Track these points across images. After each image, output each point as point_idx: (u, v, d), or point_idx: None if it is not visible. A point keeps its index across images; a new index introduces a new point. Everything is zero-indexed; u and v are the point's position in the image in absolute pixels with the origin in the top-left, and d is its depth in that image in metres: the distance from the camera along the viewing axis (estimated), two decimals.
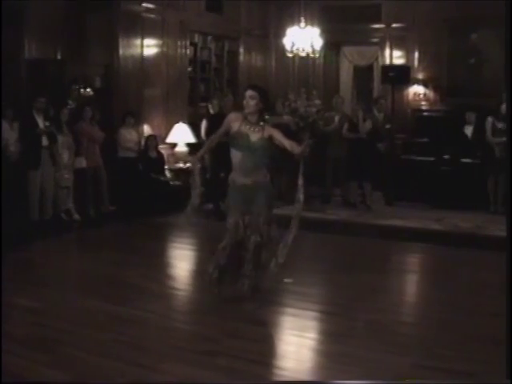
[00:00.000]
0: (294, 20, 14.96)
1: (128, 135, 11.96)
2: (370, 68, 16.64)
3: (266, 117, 6.92)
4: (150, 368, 5.09)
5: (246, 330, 5.99)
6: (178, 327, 6.27)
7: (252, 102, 6.48)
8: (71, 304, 6.80)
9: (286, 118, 12.49)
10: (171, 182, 12.79)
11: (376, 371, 5.05)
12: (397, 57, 15.75)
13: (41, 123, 10.27)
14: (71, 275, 8.19)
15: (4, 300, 6.65)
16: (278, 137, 6.59)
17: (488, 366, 5.15)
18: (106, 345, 5.60)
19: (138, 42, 12.86)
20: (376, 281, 7.71)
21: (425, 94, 15.41)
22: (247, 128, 6.52)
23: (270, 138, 6.55)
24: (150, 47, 13.24)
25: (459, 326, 6.16)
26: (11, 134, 10.08)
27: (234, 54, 16.10)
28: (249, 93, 6.54)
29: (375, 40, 16.13)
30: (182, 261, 9.35)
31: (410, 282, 8.41)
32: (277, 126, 12.29)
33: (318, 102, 14.26)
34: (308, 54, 14.75)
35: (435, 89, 15.28)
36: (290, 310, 6.74)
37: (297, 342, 5.91)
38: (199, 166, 7.09)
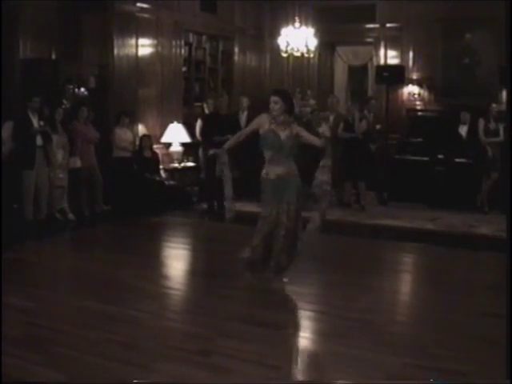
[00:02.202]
0: (288, 20, 14.98)
1: (123, 135, 11.98)
2: (364, 68, 16.66)
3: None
4: (144, 367, 5.09)
5: (239, 330, 6.00)
6: (172, 327, 6.28)
7: (276, 106, 7.13)
8: (65, 304, 6.81)
9: None
10: (166, 182, 12.80)
11: (369, 371, 5.06)
12: (391, 57, 15.76)
13: (35, 123, 10.26)
14: (65, 275, 8.20)
15: None
16: (304, 134, 7.39)
17: (481, 365, 5.16)
18: (99, 344, 5.60)
19: (132, 41, 12.86)
20: (369, 280, 7.73)
21: (419, 94, 15.42)
22: (276, 128, 7.15)
23: (297, 136, 7.23)
24: (144, 47, 13.25)
25: (452, 325, 6.18)
26: (4, 134, 10.06)
27: (228, 54, 16.11)
28: (272, 98, 7.19)
29: (370, 40, 16.14)
30: (176, 260, 9.35)
31: (404, 281, 8.42)
32: None
33: (312, 101, 14.32)
34: (302, 54, 14.78)
35: (429, 89, 15.29)
36: (284, 310, 6.75)
37: (291, 341, 5.92)
38: (227, 157, 7.54)
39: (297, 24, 14.43)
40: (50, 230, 10.28)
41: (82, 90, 12.06)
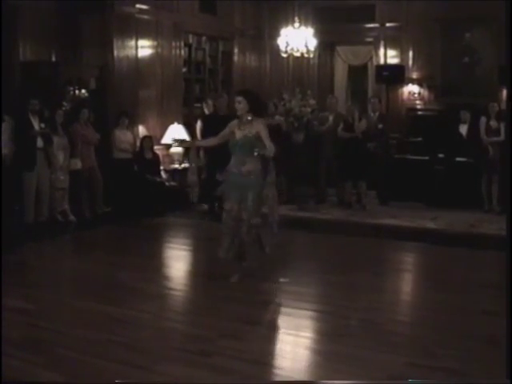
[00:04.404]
0: (288, 20, 15.00)
1: (123, 136, 11.98)
2: (364, 67, 16.69)
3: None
4: (145, 368, 5.10)
5: (240, 330, 6.01)
6: (173, 327, 6.28)
7: (240, 106, 7.35)
8: (66, 305, 6.83)
9: (277, 119, 12.52)
10: (167, 183, 12.80)
11: (370, 370, 5.06)
12: (391, 56, 15.79)
13: (36, 125, 10.28)
14: (66, 276, 8.21)
15: None
16: (262, 134, 7.29)
17: (482, 364, 5.17)
18: (100, 346, 5.61)
19: (132, 43, 12.86)
20: (370, 280, 7.74)
21: (419, 94, 15.45)
22: (239, 127, 7.37)
23: (257, 134, 7.29)
24: (144, 48, 13.26)
25: (453, 324, 6.18)
26: (3, 136, 10.07)
27: (228, 55, 16.12)
28: (236, 98, 7.46)
29: (369, 40, 16.17)
30: (177, 261, 9.36)
31: (405, 281, 8.42)
32: (268, 126, 12.44)
33: (312, 101, 14.28)
34: (302, 54, 14.78)
35: (429, 88, 15.32)
36: (285, 310, 6.77)
37: (292, 341, 5.92)
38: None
39: (296, 24, 14.43)
40: (51, 231, 10.29)
41: (83, 91, 12.08)
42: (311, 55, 15.14)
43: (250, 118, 7.31)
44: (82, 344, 5.65)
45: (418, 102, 15.52)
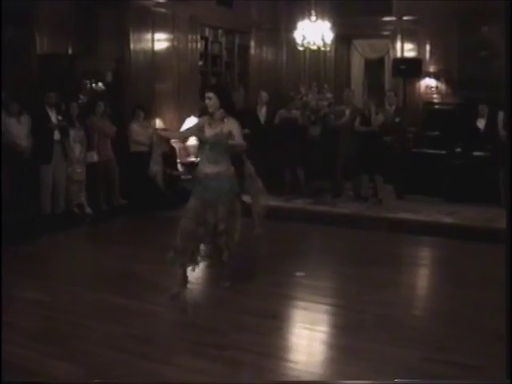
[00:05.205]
0: (304, 13, 14.92)
1: (139, 129, 11.98)
2: (381, 61, 16.62)
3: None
4: (160, 361, 5.12)
5: (256, 324, 6.01)
6: (188, 320, 6.30)
7: (210, 102, 6.92)
8: (82, 297, 6.86)
9: (295, 112, 12.50)
10: (183, 176, 12.80)
11: (385, 364, 5.06)
12: (408, 50, 15.71)
13: (53, 118, 10.32)
14: (82, 269, 8.24)
15: (15, 294, 6.73)
16: (235, 133, 6.90)
17: (497, 361, 5.12)
18: (116, 338, 5.64)
19: (148, 36, 12.88)
20: (386, 274, 7.72)
21: (437, 87, 15.37)
22: (209, 125, 6.95)
23: (230, 134, 6.89)
24: (160, 41, 13.26)
25: (469, 320, 6.17)
26: (20, 129, 10.13)
27: (244, 48, 16.10)
28: (207, 94, 7.02)
29: (386, 33, 16.08)
30: None
31: (421, 275, 8.40)
32: (285, 119, 12.45)
33: (329, 95, 14.27)
34: (319, 48, 14.75)
35: (447, 82, 15.23)
36: (300, 303, 6.77)
37: (307, 335, 5.93)
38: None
39: (313, 17, 14.39)
40: (68, 223, 10.33)
41: (99, 84, 12.09)
42: (328, 49, 15.11)
43: (224, 115, 6.90)
44: (97, 336, 5.69)
45: (435, 95, 15.44)
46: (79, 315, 6.26)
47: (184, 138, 7.31)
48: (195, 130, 7.20)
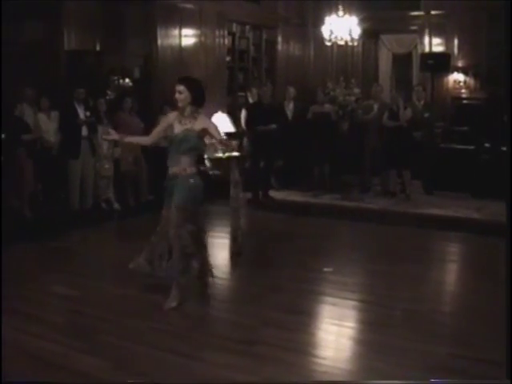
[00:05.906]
0: (331, 8, 14.89)
1: None
2: (408, 56, 16.52)
3: None
4: (188, 356, 5.13)
5: (284, 319, 6.01)
6: (216, 316, 6.32)
7: (181, 97, 6.39)
8: (109, 292, 6.90)
9: (327, 107, 12.49)
10: (210, 172, 12.80)
11: (412, 360, 5.04)
12: (436, 44, 15.60)
13: (81, 114, 10.37)
14: (110, 264, 8.26)
15: (44, 288, 6.78)
16: (212, 132, 6.47)
17: None
18: (143, 333, 5.66)
19: (176, 32, 12.89)
20: (414, 270, 7.69)
21: (465, 82, 15.26)
22: (179, 121, 6.39)
23: (204, 131, 6.41)
24: (188, 37, 13.27)
25: (496, 316, 6.11)
26: (49, 125, 10.22)
27: (272, 43, 16.07)
28: (177, 87, 6.44)
29: (414, 28, 15.99)
30: (219, 249, 9.35)
31: (449, 271, 8.36)
32: (318, 114, 12.44)
33: (356, 90, 14.22)
34: (346, 43, 14.72)
35: (475, 76, 15.11)
36: (328, 299, 6.76)
37: (335, 331, 5.91)
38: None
39: (340, 12, 14.36)
40: (95, 219, 10.38)
41: (127, 80, 12.14)
42: (355, 44, 15.07)
43: (195, 111, 6.42)
44: (125, 331, 5.71)
45: (463, 90, 15.33)
46: (106, 310, 6.29)
47: (158, 138, 6.56)
48: (164, 128, 6.57)
